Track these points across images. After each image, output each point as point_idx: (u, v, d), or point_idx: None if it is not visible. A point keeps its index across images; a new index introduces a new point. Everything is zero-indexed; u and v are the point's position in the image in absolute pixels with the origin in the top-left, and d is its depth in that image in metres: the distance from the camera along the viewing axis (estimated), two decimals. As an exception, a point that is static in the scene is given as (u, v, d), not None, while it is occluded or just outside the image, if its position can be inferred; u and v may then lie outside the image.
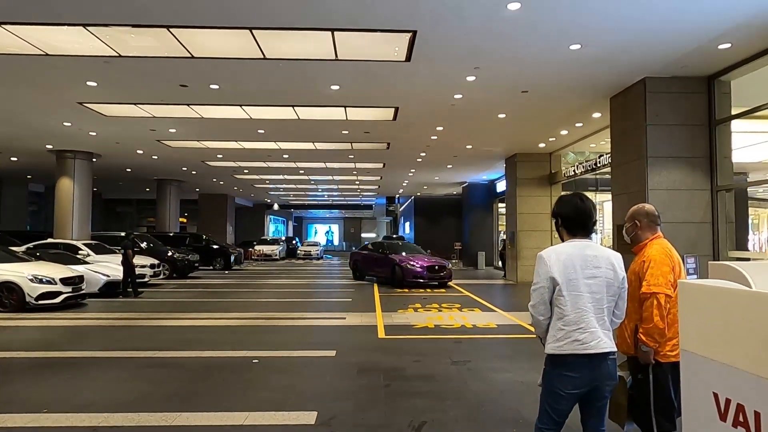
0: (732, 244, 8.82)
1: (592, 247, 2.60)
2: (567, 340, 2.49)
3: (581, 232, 2.63)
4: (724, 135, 8.73)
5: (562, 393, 2.52)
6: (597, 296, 2.52)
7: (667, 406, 2.99)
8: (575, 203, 2.65)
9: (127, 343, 6.96)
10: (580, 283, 2.51)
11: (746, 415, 1.47)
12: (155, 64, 8.34)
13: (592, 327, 2.49)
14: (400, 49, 7.66)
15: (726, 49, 7.47)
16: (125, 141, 14.77)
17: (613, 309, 2.59)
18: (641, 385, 3.06)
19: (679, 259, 3.06)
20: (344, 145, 15.55)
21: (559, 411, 2.56)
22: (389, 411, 4.35)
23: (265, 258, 29.59)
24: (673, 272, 2.96)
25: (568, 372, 2.50)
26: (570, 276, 2.51)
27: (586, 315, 2.49)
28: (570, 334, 2.49)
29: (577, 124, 12.45)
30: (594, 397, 2.57)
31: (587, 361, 2.48)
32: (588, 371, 2.49)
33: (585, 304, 2.50)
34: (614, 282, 2.56)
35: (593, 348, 2.47)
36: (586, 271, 2.52)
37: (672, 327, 2.88)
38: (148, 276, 14.18)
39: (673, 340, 2.90)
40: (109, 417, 4.10)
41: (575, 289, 2.50)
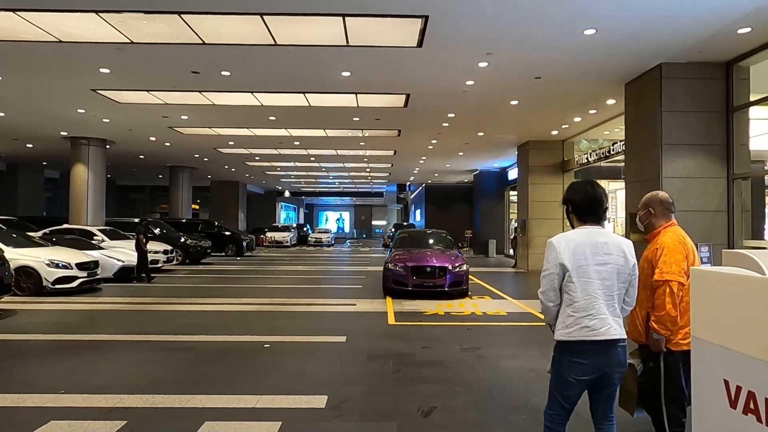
0: (747, 234, 8.70)
1: (603, 233, 2.58)
2: (577, 326, 2.48)
3: (591, 218, 2.60)
4: (741, 122, 8.56)
5: (572, 379, 2.52)
6: (607, 283, 2.49)
7: (678, 395, 2.98)
8: (586, 190, 2.63)
9: (141, 327, 7.08)
10: (591, 269, 2.48)
11: (757, 402, 1.46)
12: (167, 51, 8.36)
13: (602, 314, 2.47)
14: (411, 34, 7.58)
15: (745, 33, 7.29)
16: (138, 128, 14.88)
17: (623, 296, 2.57)
18: (652, 373, 3.06)
19: (693, 247, 3.03)
20: (355, 132, 15.52)
21: (568, 397, 2.56)
22: (399, 396, 4.39)
23: (277, 245, 29.81)
24: (687, 260, 2.94)
25: (578, 358, 2.49)
26: (580, 262, 2.48)
27: (596, 302, 2.47)
28: (579, 321, 2.47)
29: (590, 111, 12.28)
30: (603, 384, 2.56)
31: (597, 348, 2.47)
32: (597, 358, 2.48)
33: (595, 290, 2.48)
34: (625, 269, 2.53)
35: (603, 335, 2.45)
36: (597, 258, 2.50)
37: (684, 315, 2.87)
38: (161, 262, 14.37)
39: (686, 329, 2.89)
40: (124, 398, 4.19)
41: (585, 276, 2.48)
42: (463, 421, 3.85)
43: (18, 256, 9.69)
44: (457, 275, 9.98)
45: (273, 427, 3.63)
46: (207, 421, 3.72)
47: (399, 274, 9.99)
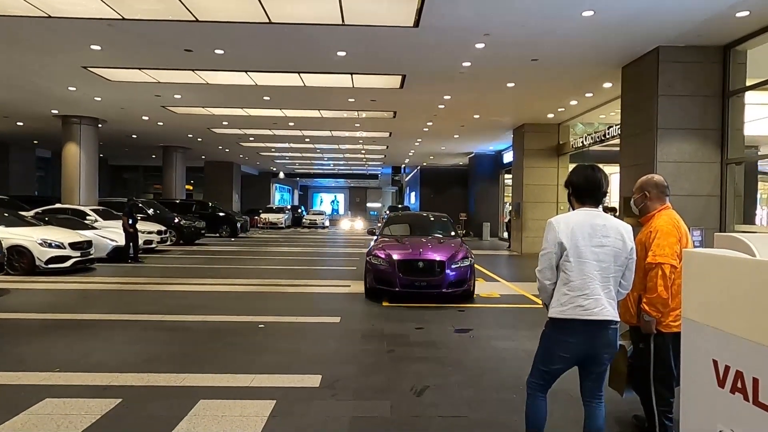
0: (740, 218, 8.77)
1: (601, 216, 2.62)
2: (570, 305, 2.53)
3: (590, 201, 2.65)
4: (737, 106, 8.56)
5: (557, 355, 2.60)
6: (604, 265, 2.54)
7: (667, 376, 3.04)
8: (586, 173, 2.67)
9: (136, 307, 7.09)
10: (588, 250, 2.53)
11: (744, 381, 1.49)
12: (159, 28, 8.21)
13: (596, 294, 2.51)
14: (408, 14, 7.47)
15: (744, 17, 7.24)
16: (130, 106, 14.69)
17: (620, 279, 2.61)
18: (642, 355, 3.11)
19: (686, 231, 3.06)
20: (350, 114, 15.41)
21: (550, 371, 2.66)
22: (392, 376, 4.44)
23: (271, 226, 29.79)
24: (680, 243, 2.97)
25: (566, 337, 2.56)
26: (578, 242, 2.53)
27: (591, 282, 2.52)
28: (574, 300, 2.52)
29: (587, 94, 12.23)
30: (593, 364, 2.62)
31: (586, 328, 2.52)
32: (586, 337, 2.54)
33: (591, 271, 2.52)
34: (622, 252, 2.57)
35: (595, 315, 2.50)
36: (594, 240, 2.54)
37: (676, 298, 2.90)
38: (155, 242, 14.34)
39: (676, 311, 2.92)
40: (119, 376, 4.22)
41: (582, 256, 2.53)
42: (455, 400, 3.90)
43: (10, 236, 9.63)
44: (459, 273, 7.61)
45: (267, 405, 3.67)
46: (201, 399, 3.75)
47: (383, 270, 7.60)
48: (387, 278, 7.59)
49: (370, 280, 7.87)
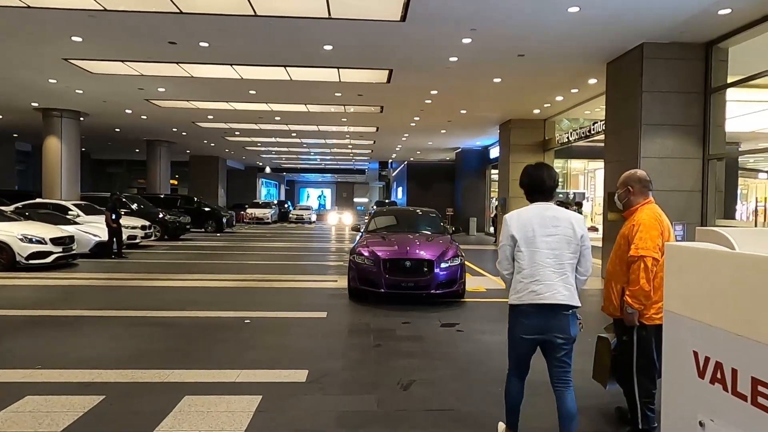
0: (720, 213, 8.93)
1: (551, 209, 2.83)
2: (525, 291, 2.76)
3: (539, 196, 2.87)
4: (718, 103, 8.70)
5: (518, 337, 2.83)
6: (556, 252, 2.74)
7: (650, 367, 3.09)
8: (530, 172, 2.93)
9: (119, 303, 7.00)
10: (538, 240, 2.74)
11: (724, 372, 1.52)
12: (142, 20, 8.08)
13: (548, 280, 2.71)
14: (395, 8, 7.45)
15: (726, 14, 7.35)
16: (113, 100, 14.45)
17: (576, 266, 2.79)
18: (626, 347, 3.17)
19: (668, 225, 3.11)
20: (337, 108, 15.34)
21: (518, 354, 2.89)
22: (379, 370, 4.45)
23: (257, 221, 29.61)
24: (662, 237, 3.02)
25: (524, 319, 2.78)
26: (527, 234, 2.76)
27: (542, 269, 2.72)
28: (527, 286, 2.75)
29: (572, 90, 12.33)
30: (551, 348, 2.79)
31: (540, 311, 2.73)
32: (540, 320, 2.73)
33: (543, 259, 2.73)
34: (573, 239, 2.75)
35: (547, 299, 2.69)
36: (545, 230, 2.75)
37: (658, 290, 2.94)
38: (139, 237, 14.16)
39: (659, 303, 2.97)
40: (102, 373, 4.16)
41: (532, 245, 2.75)
42: (442, 394, 3.93)
43: (-11, 231, 9.44)
44: (449, 272, 7.22)
45: (253, 400, 3.66)
46: (186, 395, 3.72)
47: (368, 269, 7.20)
48: (371, 278, 7.17)
49: (353, 281, 7.47)
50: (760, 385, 1.40)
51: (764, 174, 17.96)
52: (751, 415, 1.42)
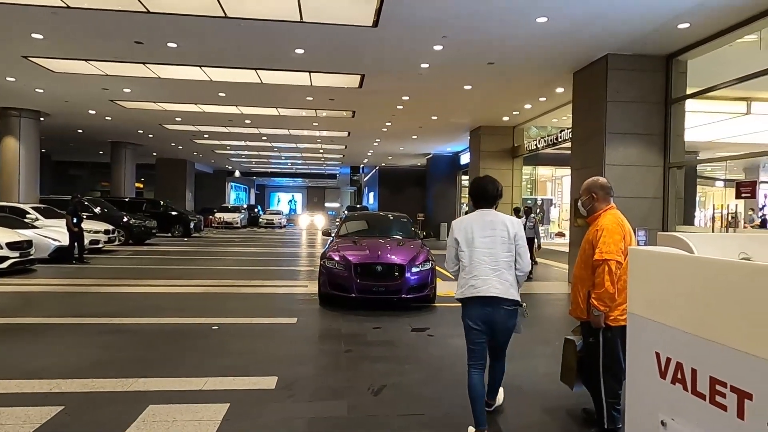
0: (680, 219, 9.27)
1: (491, 214, 3.28)
2: (466, 286, 3.20)
3: (483, 203, 3.32)
4: (678, 114, 9.04)
5: (467, 326, 3.24)
6: (492, 251, 3.17)
7: (616, 368, 3.17)
8: (475, 183, 3.40)
9: (80, 310, 6.75)
10: (477, 241, 3.19)
11: (683, 372, 1.57)
12: (107, 18, 7.87)
13: (484, 275, 3.14)
14: (367, 13, 7.47)
15: (685, 28, 7.66)
16: (76, 100, 14.00)
17: (514, 264, 3.20)
18: (592, 348, 3.24)
19: (629, 229, 3.22)
20: (309, 112, 15.26)
21: (470, 340, 3.25)
22: (349, 375, 4.43)
23: (226, 226, 29.13)
24: (624, 241, 3.13)
25: (468, 310, 3.21)
26: (468, 236, 3.22)
27: (480, 266, 3.15)
28: (468, 281, 3.19)
29: (540, 99, 12.61)
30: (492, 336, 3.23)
31: (479, 303, 3.15)
32: (480, 310, 3.15)
33: (480, 257, 3.16)
34: (507, 240, 3.19)
35: (483, 292, 3.12)
36: (483, 232, 3.20)
37: (622, 293, 3.05)
38: (102, 242, 13.73)
39: (623, 305, 3.04)
40: (61, 383, 4.00)
41: (471, 246, 3.20)
42: (413, 398, 3.93)
43: (-60, 235, 8.98)
44: (420, 277, 7.24)
45: (221, 409, 3.58)
46: (151, 404, 3.62)
47: (338, 274, 7.16)
48: (342, 283, 7.12)
49: (323, 285, 7.38)
50: (717, 384, 1.45)
51: (721, 182, 18.74)
52: (709, 414, 1.47)
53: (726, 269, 1.49)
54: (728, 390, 1.41)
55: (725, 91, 8.40)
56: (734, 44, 8.04)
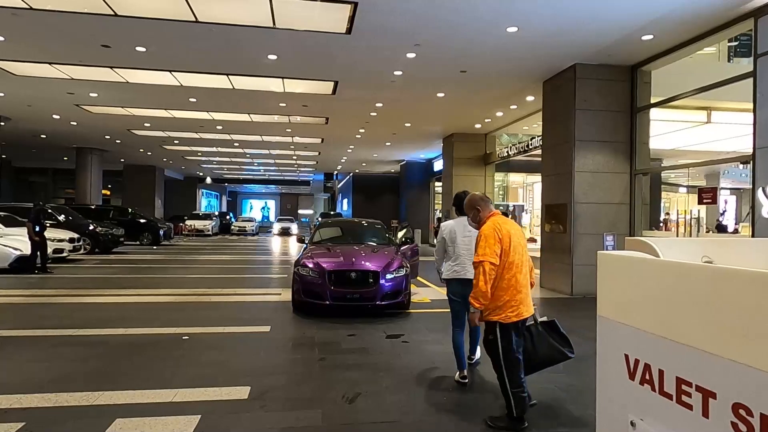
0: (646, 224, 9.54)
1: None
2: (451, 270, 4.57)
3: (460, 211, 4.47)
4: (643, 122, 9.34)
5: (449, 297, 4.62)
6: (469, 247, 4.39)
7: (514, 361, 3.48)
8: (457, 196, 4.57)
9: (43, 322, 6.50)
10: (458, 239, 4.56)
11: (651, 373, 1.61)
12: (72, 20, 7.66)
13: (463, 264, 4.46)
14: (340, 21, 7.49)
15: (648, 40, 7.93)
16: (39, 104, 13.56)
17: None
18: (491, 345, 3.54)
19: (508, 232, 3.49)
20: (282, 118, 15.15)
21: (452, 309, 4.61)
22: (323, 384, 4.38)
23: (197, 233, 28.59)
24: (501, 244, 3.44)
25: (452, 287, 4.58)
26: (452, 236, 4.61)
27: (460, 257, 4.51)
28: (452, 267, 4.56)
29: (512, 107, 12.84)
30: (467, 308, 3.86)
31: (459, 282, 4.49)
32: (460, 287, 4.44)
33: (461, 251, 4.52)
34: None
35: (462, 275, 4.44)
36: (463, 233, 4.51)
37: (508, 291, 3.42)
38: (66, 251, 13.27)
39: (512, 304, 3.43)
40: (21, 398, 3.84)
41: (455, 243, 4.58)
42: (387, 406, 3.91)
43: None
44: (395, 283, 7.23)
45: (191, 421, 3.49)
46: (118, 418, 3.50)
47: (312, 281, 7.10)
48: (316, 291, 7.05)
49: (297, 293, 7.32)
50: (683, 384, 1.49)
51: (684, 188, 19.40)
52: (676, 413, 1.51)
53: (689, 272, 1.54)
54: (693, 390, 1.45)
55: (687, 100, 8.73)
56: (695, 56, 8.37)
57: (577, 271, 9.11)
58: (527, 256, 3.64)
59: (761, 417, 1.26)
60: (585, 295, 8.93)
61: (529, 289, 3.59)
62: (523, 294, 3.47)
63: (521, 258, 3.50)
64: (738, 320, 1.33)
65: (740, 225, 12.90)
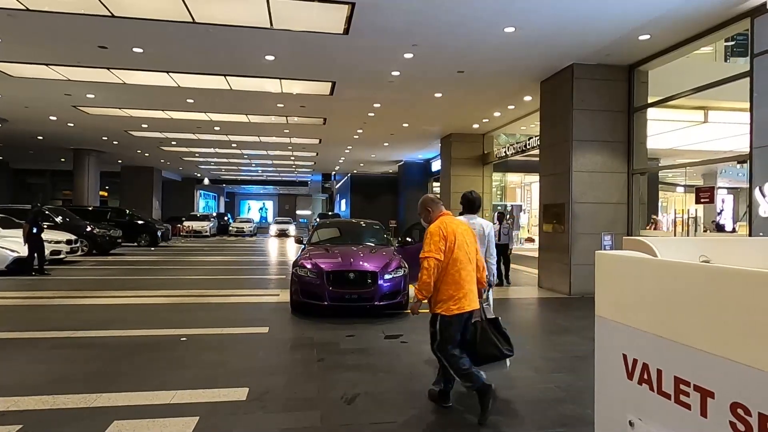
0: (644, 224, 9.56)
1: (473, 218, 4.63)
2: None
3: (468, 210, 4.68)
4: (640, 122, 9.36)
5: None
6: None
7: (454, 350, 3.70)
8: (465, 196, 4.71)
9: (41, 324, 6.49)
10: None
11: (650, 373, 1.61)
12: (69, 21, 7.65)
13: None
14: (338, 21, 7.49)
15: (646, 40, 7.95)
16: (36, 105, 13.54)
17: (485, 251, 4.49)
18: (433, 337, 3.79)
19: (453, 231, 3.74)
20: (279, 119, 15.15)
21: None
22: (322, 385, 4.38)
23: (195, 234, 28.55)
24: (445, 241, 3.69)
25: None
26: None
27: None
28: None
29: (509, 107, 12.85)
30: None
31: None
32: None
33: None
34: (482, 235, 4.56)
35: None
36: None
37: (452, 286, 3.66)
38: (63, 253, 13.24)
39: (455, 298, 3.67)
40: (19, 401, 3.82)
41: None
42: (386, 406, 3.91)
43: None
44: (393, 284, 7.21)
45: (190, 422, 3.48)
46: (116, 420, 3.49)
47: (311, 282, 7.06)
48: (315, 291, 7.02)
49: (295, 294, 7.31)
50: (681, 383, 1.49)
51: (681, 188, 19.45)
52: (674, 413, 1.51)
53: (687, 272, 1.54)
54: (692, 389, 1.46)
55: (684, 100, 8.75)
56: (692, 56, 8.39)
57: (575, 271, 9.13)
58: (475, 255, 3.90)
59: (759, 416, 1.26)
60: (583, 294, 8.94)
61: (474, 285, 3.80)
62: (466, 289, 3.69)
63: (466, 255, 3.73)
64: (736, 319, 1.33)
65: (737, 224, 12.94)
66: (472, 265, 3.79)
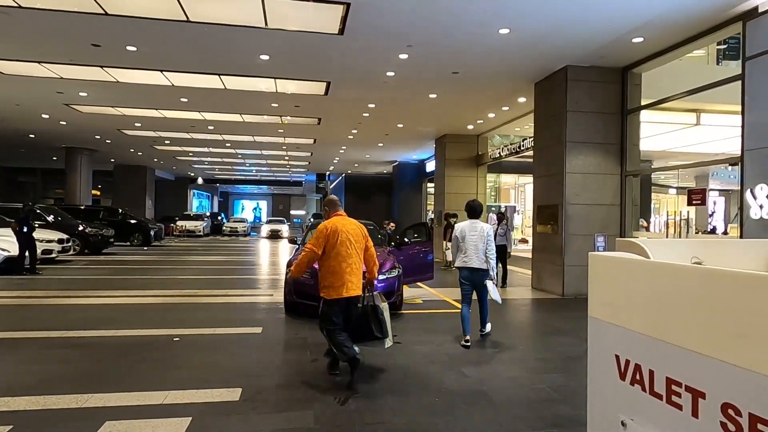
0: (636, 225, 9.62)
1: (477, 222, 5.90)
2: (461, 260, 5.86)
3: (472, 215, 5.93)
4: (634, 124, 9.41)
5: (460, 281, 5.94)
6: (475, 242, 5.78)
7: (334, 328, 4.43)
8: (468, 204, 6.02)
9: (31, 323, 6.43)
10: (467, 237, 5.82)
11: (642, 373, 1.62)
12: (62, 19, 7.59)
13: (471, 255, 5.79)
14: (333, 21, 7.48)
15: (639, 42, 8.00)
16: (27, 103, 13.42)
17: (485, 249, 5.77)
18: (322, 316, 4.54)
19: (338, 230, 4.45)
20: (274, 119, 15.11)
21: (462, 289, 5.93)
22: (316, 385, 4.37)
23: (188, 234, 28.43)
24: (327, 238, 4.43)
25: (461, 273, 5.91)
26: (463, 234, 5.85)
27: (468, 250, 5.80)
28: (461, 258, 5.85)
29: (503, 108, 12.88)
30: (476, 288, 5.93)
31: (466, 269, 5.84)
32: (468, 273, 5.84)
33: (468, 246, 5.80)
34: (483, 237, 5.78)
35: (469, 264, 5.80)
36: (471, 233, 5.81)
37: (333, 276, 4.42)
38: (55, 252, 13.14)
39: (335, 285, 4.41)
40: (9, 401, 3.79)
41: (464, 240, 5.83)
42: (379, 407, 3.91)
43: None
44: (387, 284, 7.18)
45: (182, 423, 3.47)
46: (108, 420, 3.47)
47: (305, 282, 6.87)
48: (308, 291, 6.86)
49: (289, 294, 7.28)
50: (673, 384, 1.50)
51: (674, 190, 19.59)
52: (666, 413, 1.52)
53: (679, 273, 1.55)
54: (683, 390, 1.47)
55: (677, 102, 8.82)
56: (684, 58, 8.46)
57: (568, 272, 9.17)
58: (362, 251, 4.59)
59: (750, 417, 1.27)
60: (576, 295, 8.98)
61: (356, 276, 4.46)
62: (345, 279, 4.38)
63: (347, 251, 4.43)
64: (727, 321, 1.34)
65: (729, 226, 13.04)
66: (355, 259, 4.45)
